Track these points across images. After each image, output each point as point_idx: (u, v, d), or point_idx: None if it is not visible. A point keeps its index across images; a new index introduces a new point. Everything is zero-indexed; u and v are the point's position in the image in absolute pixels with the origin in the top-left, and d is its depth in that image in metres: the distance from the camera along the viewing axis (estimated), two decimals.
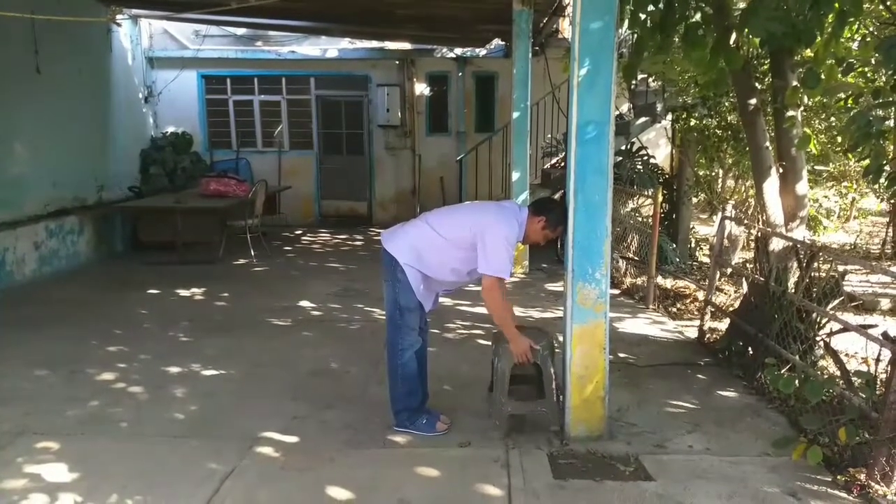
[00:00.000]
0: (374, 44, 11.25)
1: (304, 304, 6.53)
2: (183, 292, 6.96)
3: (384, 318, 3.69)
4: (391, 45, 11.24)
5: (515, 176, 7.66)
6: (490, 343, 3.78)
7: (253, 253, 8.61)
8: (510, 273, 3.35)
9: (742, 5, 5.58)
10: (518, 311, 6.21)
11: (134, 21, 10.16)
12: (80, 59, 8.61)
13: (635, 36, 5.70)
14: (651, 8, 4.62)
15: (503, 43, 10.59)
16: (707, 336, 5.41)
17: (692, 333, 5.62)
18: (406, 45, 11.22)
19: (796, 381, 3.56)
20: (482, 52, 11.16)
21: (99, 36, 9.13)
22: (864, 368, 3.90)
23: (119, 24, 9.46)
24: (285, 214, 11.19)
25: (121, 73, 9.77)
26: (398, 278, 3.43)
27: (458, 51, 11.23)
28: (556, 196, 8.92)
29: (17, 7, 6.49)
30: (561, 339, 3.66)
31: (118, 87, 9.68)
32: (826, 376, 3.88)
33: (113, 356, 4.97)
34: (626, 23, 4.73)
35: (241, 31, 11.03)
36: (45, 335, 5.46)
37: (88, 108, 8.89)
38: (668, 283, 7.63)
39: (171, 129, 10.99)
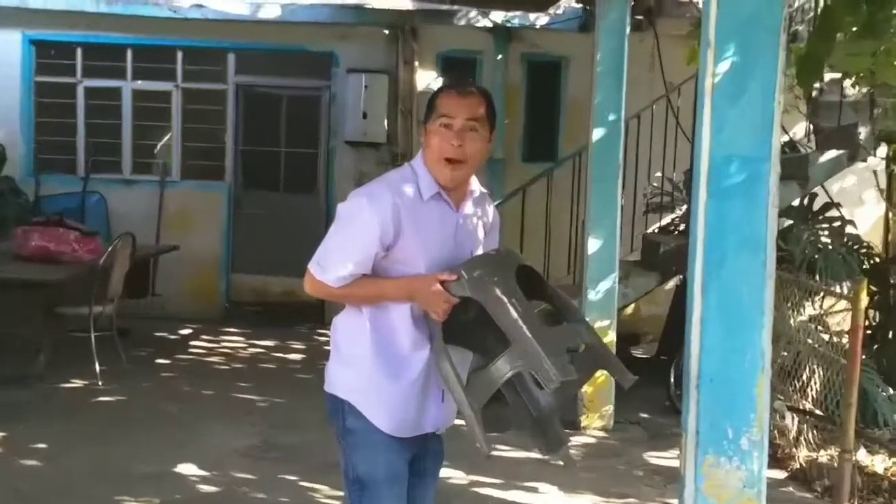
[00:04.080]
0: None
1: (186, 469, 4.55)
2: None
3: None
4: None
5: (595, 245, 5.38)
6: None
7: (98, 368, 5.91)
8: (333, 279, 2.08)
9: None
10: (593, 500, 4.54)
11: None
12: None
13: (820, 5, 4.59)
14: None
15: (579, 6, 7.67)
16: None
17: None
18: (404, 1, 8.22)
19: None
20: (540, 19, 8.27)
21: None
22: None
23: None
24: (164, 297, 7.89)
25: None
26: (347, 428, 2.22)
27: (499, 16, 8.14)
28: (673, 282, 6.60)
29: None
30: None
31: None
32: None
33: None
34: None
35: None
36: None
37: None
38: (879, 462, 5.28)
39: None
